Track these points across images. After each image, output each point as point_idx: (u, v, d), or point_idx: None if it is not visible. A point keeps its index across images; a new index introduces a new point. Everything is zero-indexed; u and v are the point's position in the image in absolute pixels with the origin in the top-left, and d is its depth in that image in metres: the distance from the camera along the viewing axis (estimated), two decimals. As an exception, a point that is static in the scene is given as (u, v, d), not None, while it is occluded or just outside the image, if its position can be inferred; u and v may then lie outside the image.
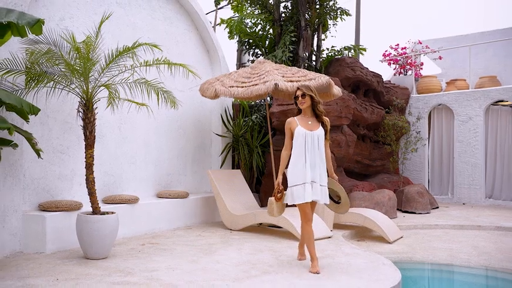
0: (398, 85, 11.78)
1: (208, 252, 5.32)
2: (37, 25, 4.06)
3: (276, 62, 8.46)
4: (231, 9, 10.55)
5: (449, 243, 6.65)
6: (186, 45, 7.91)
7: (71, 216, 5.31)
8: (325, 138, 4.66)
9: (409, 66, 12.34)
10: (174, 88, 6.76)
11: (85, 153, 5.01)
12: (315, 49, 9.75)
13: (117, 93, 5.19)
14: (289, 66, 8.47)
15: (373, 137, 10.66)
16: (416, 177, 11.47)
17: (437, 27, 27.48)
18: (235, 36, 9.96)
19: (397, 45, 12.64)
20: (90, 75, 5.03)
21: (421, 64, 12.77)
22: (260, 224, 7.07)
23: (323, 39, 9.96)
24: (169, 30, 7.56)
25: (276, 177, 5.34)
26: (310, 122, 4.63)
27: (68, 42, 4.89)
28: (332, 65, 9.70)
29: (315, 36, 9.74)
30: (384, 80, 11.63)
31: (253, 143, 8.44)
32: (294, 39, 9.03)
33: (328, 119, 4.71)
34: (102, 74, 5.15)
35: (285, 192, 4.71)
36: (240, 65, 12.30)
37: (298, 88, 4.67)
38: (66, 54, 4.95)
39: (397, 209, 9.24)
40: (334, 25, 9.95)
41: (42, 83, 5.00)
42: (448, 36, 14.35)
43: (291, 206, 4.87)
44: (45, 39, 4.85)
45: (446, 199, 11.17)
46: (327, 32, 10.07)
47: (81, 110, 5.08)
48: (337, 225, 7.07)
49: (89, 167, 5.00)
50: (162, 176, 7.38)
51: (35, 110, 4.89)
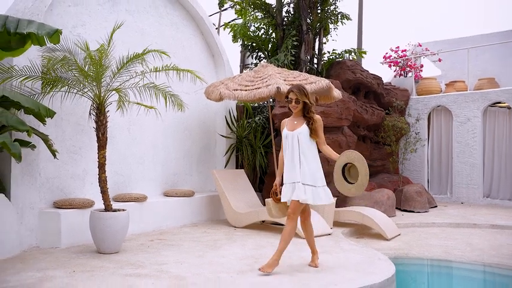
0: (399, 87, 12.05)
1: (214, 247, 5.62)
2: (55, 35, 4.37)
3: (279, 66, 8.75)
4: (235, 13, 10.85)
5: (444, 240, 6.92)
6: (192, 49, 8.21)
7: (83, 213, 5.62)
8: (315, 136, 4.46)
9: (409, 68, 12.60)
10: (180, 91, 7.06)
11: (98, 153, 5.31)
12: (317, 52, 10.05)
13: (127, 97, 5.50)
14: (291, 69, 8.78)
15: (374, 137, 10.92)
16: (416, 177, 11.74)
17: (437, 30, 27.67)
18: (238, 40, 10.26)
19: (398, 47, 12.90)
20: (102, 80, 5.33)
21: (421, 66, 13.03)
22: (263, 222, 7.36)
23: (324, 43, 10.26)
24: (175, 36, 7.87)
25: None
26: (296, 122, 4.53)
27: (82, 49, 5.19)
28: (333, 67, 9.99)
29: (317, 39, 10.03)
30: (384, 82, 11.90)
31: (256, 144, 8.74)
32: (295, 43, 9.32)
33: (318, 117, 4.54)
34: (113, 79, 5.45)
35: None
36: (243, 66, 12.61)
37: (291, 91, 4.52)
38: (80, 61, 5.25)
39: (396, 208, 9.51)
40: (335, 29, 10.25)
41: (57, 88, 5.32)
42: (447, 38, 14.60)
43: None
44: (60, 47, 5.15)
45: (445, 198, 11.42)
46: (328, 36, 10.36)
47: (94, 113, 5.38)
48: (337, 223, 7.35)
49: (101, 166, 5.31)
50: (169, 176, 7.69)
51: (51, 113, 5.22)
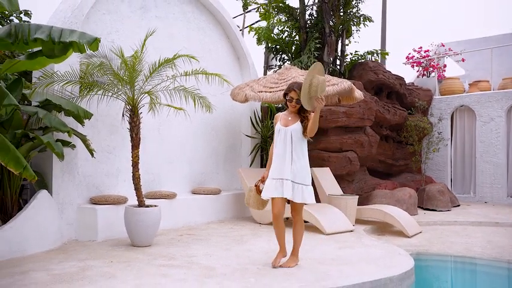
0: (421, 87, 12.15)
1: (240, 242, 5.91)
2: (94, 43, 4.70)
3: (302, 68, 8.99)
4: (259, 16, 11.13)
5: (465, 238, 7.05)
6: (218, 53, 8.52)
7: (118, 208, 5.98)
8: (305, 131, 4.38)
9: (432, 69, 12.67)
10: (207, 93, 7.36)
11: (131, 153, 5.66)
12: (339, 54, 10.25)
13: (158, 99, 5.84)
14: (314, 71, 8.98)
15: (396, 137, 11.05)
16: (439, 176, 11.81)
17: (460, 30, 27.50)
18: (263, 42, 10.55)
19: (420, 48, 12.98)
20: (135, 84, 5.68)
21: (444, 66, 13.07)
22: (287, 219, 7.61)
23: (347, 45, 10.45)
24: (203, 40, 8.19)
25: None
26: (290, 118, 4.48)
27: (117, 55, 5.55)
28: (355, 69, 10.18)
29: (339, 41, 10.23)
30: (407, 82, 12.02)
31: (280, 144, 8.98)
32: (318, 46, 9.55)
33: (309, 124, 4.36)
34: (146, 83, 5.80)
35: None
36: (267, 67, 12.92)
37: (293, 89, 4.44)
38: (115, 66, 5.61)
39: (419, 206, 9.64)
40: (357, 31, 10.43)
41: (93, 91, 5.69)
42: (471, 38, 14.57)
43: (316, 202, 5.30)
44: (96, 53, 5.51)
45: (469, 198, 11.46)
46: (351, 38, 10.55)
47: (127, 115, 5.73)
48: (359, 221, 7.56)
49: (135, 165, 5.65)
50: (196, 174, 8.02)
51: (88, 115, 5.60)
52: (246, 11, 17.66)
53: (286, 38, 10.45)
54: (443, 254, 6.20)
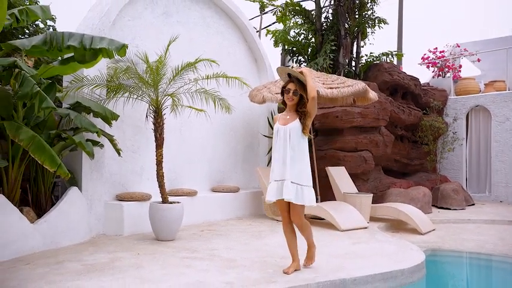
0: (436, 87, 12.28)
1: (259, 237, 6.19)
2: (122, 49, 5.05)
3: (318, 69, 9.24)
4: (276, 19, 11.40)
5: (478, 236, 7.21)
6: (236, 55, 8.82)
7: (142, 205, 6.30)
8: (304, 129, 4.17)
9: (447, 69, 12.78)
10: (226, 95, 7.64)
11: (156, 152, 5.98)
12: (354, 56, 10.46)
13: (180, 101, 6.15)
14: (329, 72, 9.26)
15: (411, 137, 11.21)
16: (454, 175, 11.93)
17: (475, 31, 27.43)
18: (279, 45, 10.82)
19: (436, 48, 13.11)
20: (159, 87, 6.00)
21: (460, 66, 13.17)
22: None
23: (362, 46, 10.67)
24: (222, 43, 8.50)
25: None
26: (288, 117, 4.26)
27: (143, 60, 5.87)
28: (371, 70, 10.38)
29: (354, 43, 10.45)
30: (423, 83, 12.16)
31: (297, 143, 9.24)
32: (334, 48, 9.78)
33: (310, 111, 4.15)
34: (169, 85, 6.11)
35: None
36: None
37: (292, 81, 4.24)
38: (140, 70, 5.94)
39: (433, 205, 9.80)
40: (372, 33, 10.63)
41: (119, 94, 6.03)
42: (486, 38, 14.62)
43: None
44: (123, 58, 5.84)
45: (484, 197, 11.56)
46: (366, 40, 10.76)
47: (152, 116, 6.05)
48: (373, 218, 7.77)
49: (159, 163, 5.97)
50: (216, 173, 8.33)
51: (115, 116, 5.94)
52: (263, 12, 17.98)
53: (303, 41, 10.71)
54: (455, 250, 6.37)
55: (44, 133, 5.25)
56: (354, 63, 10.52)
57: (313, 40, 10.63)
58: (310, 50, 10.60)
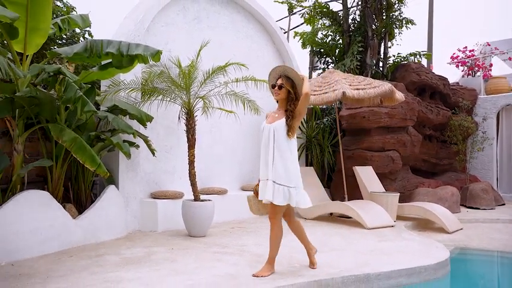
0: (466, 87, 12.20)
1: (287, 234, 6.32)
2: (157, 55, 5.35)
3: (345, 70, 9.38)
4: (304, 22, 11.58)
5: (506, 235, 7.22)
6: (264, 58, 9.05)
7: (175, 203, 6.60)
8: (289, 131, 4.01)
9: (477, 68, 12.68)
10: (255, 97, 7.87)
11: (188, 152, 6.26)
12: (382, 56, 10.55)
13: (210, 103, 6.42)
14: (356, 73, 9.38)
15: (440, 137, 11.19)
16: (484, 175, 11.83)
17: (507, 29, 26.85)
18: (307, 46, 11.00)
19: (465, 47, 13.02)
20: (191, 90, 6.28)
21: (490, 65, 13.04)
22: (331, 214, 8.04)
23: (389, 47, 10.74)
24: (250, 46, 8.75)
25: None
26: (277, 115, 4.14)
27: (176, 65, 6.17)
28: (398, 70, 10.44)
29: (382, 44, 10.53)
30: (452, 82, 12.11)
31: (324, 143, 9.43)
32: (361, 49, 9.90)
33: (300, 109, 4.02)
34: (200, 88, 6.39)
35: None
36: (312, 68, 13.37)
37: (280, 76, 4.14)
38: (173, 74, 6.23)
39: (462, 205, 9.79)
40: (400, 33, 10.69)
41: (153, 97, 6.35)
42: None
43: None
44: (157, 62, 6.15)
45: (515, 197, 11.45)
46: (393, 40, 10.82)
47: (184, 118, 6.34)
48: (400, 217, 7.86)
49: (191, 163, 6.25)
50: (245, 173, 8.58)
51: (149, 118, 6.25)
52: (291, 13, 18.17)
53: (330, 42, 10.86)
54: (481, 249, 6.43)
55: (85, 134, 5.59)
56: (381, 64, 10.60)
57: (340, 41, 10.77)
58: (337, 51, 10.74)
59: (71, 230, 5.32)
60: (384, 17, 10.43)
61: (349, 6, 10.74)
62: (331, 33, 10.77)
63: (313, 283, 4.06)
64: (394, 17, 10.42)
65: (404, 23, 10.42)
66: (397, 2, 10.45)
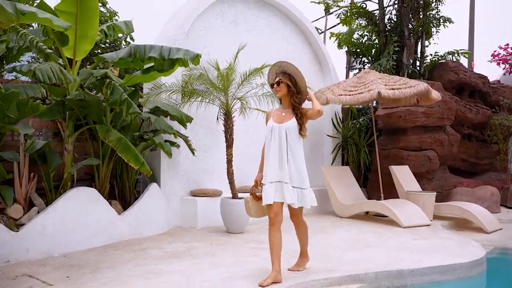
0: (507, 85, 11.94)
1: (322, 232, 6.53)
2: (196, 58, 5.60)
3: (381, 70, 9.40)
4: (340, 22, 11.64)
5: (548, 236, 7.11)
6: (301, 59, 9.19)
7: (214, 200, 6.84)
8: (301, 129, 3.98)
9: (519, 66, 12.41)
10: (291, 97, 8.05)
11: (226, 151, 6.49)
12: (419, 56, 10.49)
13: (248, 104, 6.63)
14: (392, 73, 9.40)
15: (480, 136, 11.01)
16: (527, 175, 11.54)
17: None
18: (343, 47, 11.07)
19: (507, 45, 12.74)
20: (228, 91, 6.50)
21: (534, 63, 12.73)
22: (367, 213, 8.10)
23: (426, 46, 10.66)
24: (287, 48, 8.91)
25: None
26: (283, 114, 4.05)
27: (214, 67, 6.41)
28: (435, 69, 10.36)
29: (419, 43, 10.48)
30: (493, 80, 11.87)
31: (360, 143, 9.48)
32: (397, 49, 9.89)
33: (309, 111, 3.98)
34: (237, 90, 6.61)
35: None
36: (349, 68, 13.40)
37: (277, 74, 4.16)
38: (212, 76, 6.47)
39: (503, 205, 9.63)
40: (437, 32, 10.60)
41: (193, 98, 6.61)
42: None
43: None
44: (196, 66, 6.40)
45: (560, 198, 11.11)
46: (430, 39, 10.74)
47: (222, 118, 6.57)
48: (437, 217, 7.84)
49: (229, 162, 6.47)
50: (281, 171, 8.72)
51: (189, 119, 6.52)
52: (328, 13, 18.22)
53: (366, 42, 10.88)
54: (521, 249, 6.38)
55: (129, 135, 5.91)
56: (418, 64, 10.55)
57: (376, 41, 10.78)
58: (373, 51, 10.76)
59: (116, 225, 5.64)
60: (421, 16, 10.37)
61: (385, 6, 10.74)
62: (367, 33, 10.80)
63: (347, 278, 4.19)
64: (431, 15, 10.35)
65: (442, 21, 10.33)
66: (434, 0, 10.37)
